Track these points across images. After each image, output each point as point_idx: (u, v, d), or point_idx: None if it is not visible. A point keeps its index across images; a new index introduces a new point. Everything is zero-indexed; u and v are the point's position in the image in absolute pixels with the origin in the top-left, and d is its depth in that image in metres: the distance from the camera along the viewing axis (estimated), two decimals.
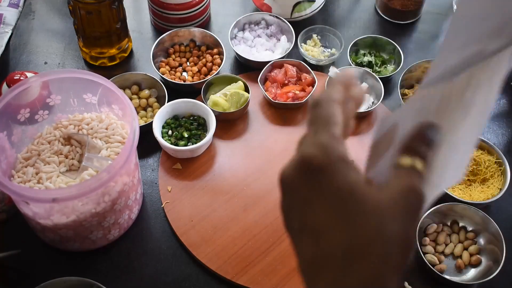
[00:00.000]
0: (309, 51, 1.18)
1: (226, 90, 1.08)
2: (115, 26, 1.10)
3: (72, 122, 0.94)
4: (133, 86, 1.10)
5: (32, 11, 1.26)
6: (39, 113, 0.93)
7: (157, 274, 0.90)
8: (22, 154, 0.91)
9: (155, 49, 1.13)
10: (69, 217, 0.83)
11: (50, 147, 0.92)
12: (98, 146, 0.91)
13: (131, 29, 1.20)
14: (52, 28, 1.23)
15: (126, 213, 0.90)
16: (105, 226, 0.87)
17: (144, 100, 1.09)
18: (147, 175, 1.01)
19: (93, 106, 0.95)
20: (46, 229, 0.86)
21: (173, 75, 1.13)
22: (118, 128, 0.94)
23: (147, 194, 0.99)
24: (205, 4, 1.19)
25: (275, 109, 1.10)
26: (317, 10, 1.23)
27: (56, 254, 0.92)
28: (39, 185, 0.87)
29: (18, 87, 0.85)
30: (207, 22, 1.24)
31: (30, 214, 0.84)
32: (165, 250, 0.93)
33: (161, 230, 0.95)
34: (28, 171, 0.88)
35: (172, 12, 1.17)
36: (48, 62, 1.17)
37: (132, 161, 0.84)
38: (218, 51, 1.15)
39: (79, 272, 0.88)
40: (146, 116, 1.08)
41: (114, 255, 0.92)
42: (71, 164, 0.91)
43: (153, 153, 1.04)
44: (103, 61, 1.15)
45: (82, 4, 1.04)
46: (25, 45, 1.20)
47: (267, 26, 1.21)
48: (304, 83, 1.10)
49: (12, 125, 0.88)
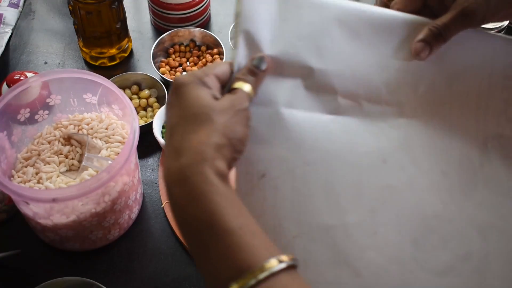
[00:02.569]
0: None
1: None
2: (115, 26, 1.10)
3: (72, 122, 0.94)
4: (133, 86, 1.10)
5: (32, 11, 1.26)
6: (39, 113, 0.93)
7: (157, 274, 0.90)
8: (22, 154, 0.91)
9: (155, 49, 1.13)
10: (69, 217, 0.83)
11: (50, 147, 0.92)
12: (98, 146, 0.91)
13: (131, 29, 1.20)
14: (52, 28, 1.23)
15: (126, 213, 0.90)
16: (105, 226, 0.87)
17: (144, 100, 1.09)
18: (147, 175, 1.01)
19: (93, 106, 0.95)
20: (46, 229, 0.86)
21: (173, 75, 1.13)
22: (118, 128, 0.94)
23: (147, 194, 0.99)
24: (205, 4, 1.19)
25: None
26: None
27: (56, 254, 0.92)
28: (39, 185, 0.87)
29: (18, 87, 0.85)
30: (207, 22, 1.24)
31: (30, 214, 0.84)
32: (165, 250, 0.93)
33: (161, 230, 0.95)
34: (28, 171, 0.88)
35: (172, 12, 1.17)
36: (48, 62, 1.17)
37: (132, 161, 0.84)
38: (218, 51, 1.15)
39: (79, 272, 0.88)
40: (146, 116, 1.08)
41: (114, 255, 0.92)
42: (71, 164, 0.91)
43: (153, 153, 1.04)
44: (103, 61, 1.15)
45: (82, 4, 1.04)
46: (25, 45, 1.20)
47: None
48: None
49: (12, 125, 0.88)
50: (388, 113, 0.58)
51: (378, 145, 0.58)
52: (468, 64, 0.60)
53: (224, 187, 0.47)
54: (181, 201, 0.48)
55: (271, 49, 0.55)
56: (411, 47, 0.58)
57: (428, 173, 0.58)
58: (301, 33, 0.56)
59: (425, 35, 0.58)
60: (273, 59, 0.55)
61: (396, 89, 0.58)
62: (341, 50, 0.57)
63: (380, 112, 0.58)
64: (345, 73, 0.57)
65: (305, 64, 0.56)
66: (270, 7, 0.55)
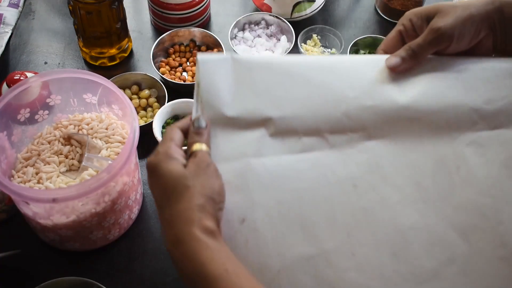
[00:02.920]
0: (309, 51, 1.18)
1: None
2: (115, 26, 1.10)
3: (72, 122, 0.94)
4: (133, 86, 1.10)
5: (32, 11, 1.26)
6: (39, 113, 0.93)
7: (157, 274, 0.90)
8: (22, 154, 0.91)
9: (155, 49, 1.13)
10: (69, 217, 0.83)
11: (50, 147, 0.92)
12: (98, 146, 0.91)
13: (131, 29, 1.20)
14: (52, 28, 1.23)
15: (126, 213, 0.90)
16: (105, 226, 0.87)
17: (144, 100, 1.09)
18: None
19: (93, 106, 0.95)
20: (46, 229, 0.86)
21: (173, 75, 1.13)
22: (118, 128, 0.94)
23: (147, 194, 0.99)
24: (205, 4, 1.19)
25: None
26: (317, 10, 1.23)
27: (56, 254, 0.92)
28: (39, 185, 0.87)
29: (18, 87, 0.85)
30: (207, 22, 1.24)
31: (30, 214, 0.84)
32: (165, 250, 0.92)
33: (161, 230, 0.95)
34: (28, 171, 0.88)
35: (172, 12, 1.17)
36: (48, 62, 1.17)
37: (132, 161, 0.84)
38: (218, 51, 1.15)
39: (79, 272, 0.88)
40: (146, 116, 1.08)
41: (114, 255, 0.92)
42: (71, 164, 0.91)
43: None
44: (103, 61, 1.15)
45: (82, 4, 1.04)
46: (25, 45, 1.20)
47: (267, 26, 1.21)
48: None
49: (12, 125, 0.88)
50: (355, 139, 0.63)
51: (347, 172, 0.62)
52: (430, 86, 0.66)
53: (212, 241, 0.55)
54: (178, 261, 0.56)
55: (232, 110, 0.62)
56: (386, 63, 0.66)
57: (401, 188, 0.62)
58: (256, 91, 0.63)
59: (401, 52, 0.66)
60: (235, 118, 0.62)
61: (357, 115, 0.63)
62: (295, 96, 0.63)
63: (347, 140, 0.63)
64: (304, 114, 0.63)
65: (265, 116, 0.62)
66: (226, 74, 0.62)
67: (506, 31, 0.67)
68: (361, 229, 0.61)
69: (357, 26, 1.26)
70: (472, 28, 0.66)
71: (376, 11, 1.28)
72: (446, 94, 0.65)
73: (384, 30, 1.25)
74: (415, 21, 0.69)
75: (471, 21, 0.66)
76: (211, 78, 0.62)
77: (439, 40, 0.66)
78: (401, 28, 0.70)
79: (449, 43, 0.67)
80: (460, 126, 0.65)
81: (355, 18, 1.27)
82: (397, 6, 1.23)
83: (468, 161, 0.63)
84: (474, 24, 0.66)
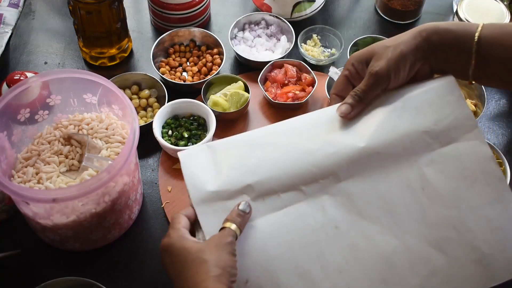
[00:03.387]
0: (309, 51, 1.18)
1: (226, 90, 1.08)
2: (115, 26, 1.10)
3: (72, 122, 0.94)
4: (133, 86, 1.10)
5: (32, 11, 1.26)
6: (39, 113, 0.93)
7: (157, 274, 0.90)
8: (22, 154, 0.91)
9: (155, 49, 1.13)
10: (69, 217, 0.83)
11: (50, 147, 0.92)
12: (98, 146, 0.91)
13: (131, 29, 1.20)
14: (52, 28, 1.23)
15: (126, 213, 0.90)
16: (105, 226, 0.87)
17: (144, 100, 1.09)
18: (147, 175, 1.02)
19: (93, 106, 0.95)
20: (46, 229, 0.86)
21: (173, 75, 1.13)
22: (118, 128, 0.94)
23: (147, 194, 0.99)
24: (205, 4, 1.19)
25: (275, 109, 1.10)
26: (317, 10, 1.23)
27: (56, 254, 0.92)
28: (39, 185, 0.87)
29: (18, 87, 0.85)
30: (207, 22, 1.24)
31: (30, 214, 0.84)
32: None
33: (161, 230, 0.95)
34: (28, 171, 0.88)
35: (172, 12, 1.17)
36: (48, 62, 1.17)
37: (132, 161, 0.84)
38: (218, 51, 1.15)
39: (79, 272, 0.88)
40: (146, 116, 1.08)
41: (114, 255, 0.92)
42: (71, 164, 0.91)
43: (153, 153, 1.04)
44: (103, 61, 1.15)
45: (82, 4, 1.04)
46: (25, 45, 1.20)
47: (267, 26, 1.21)
48: (304, 83, 1.10)
49: (12, 125, 0.88)
50: (327, 184, 0.70)
51: (327, 216, 0.69)
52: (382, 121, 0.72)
53: None
54: None
55: (214, 185, 0.70)
56: (337, 112, 0.73)
57: (377, 219, 0.69)
58: (233, 165, 0.71)
59: (348, 99, 0.73)
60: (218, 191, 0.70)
61: (324, 164, 0.70)
62: (267, 161, 0.71)
63: (320, 187, 0.70)
64: (278, 174, 0.70)
65: (244, 183, 0.70)
66: (206, 160, 0.72)
67: (436, 56, 0.73)
68: (350, 264, 0.68)
69: (357, 26, 1.26)
70: (406, 65, 0.72)
71: (376, 11, 1.28)
72: (397, 124, 0.72)
73: (384, 30, 1.25)
74: (356, 66, 0.75)
75: (403, 59, 0.72)
76: (192, 166, 0.71)
77: (378, 83, 0.72)
78: (347, 73, 0.76)
79: (388, 82, 0.73)
80: (417, 150, 0.71)
81: (355, 18, 1.28)
82: (397, 6, 1.23)
83: (430, 180, 0.70)
84: (407, 61, 0.72)
